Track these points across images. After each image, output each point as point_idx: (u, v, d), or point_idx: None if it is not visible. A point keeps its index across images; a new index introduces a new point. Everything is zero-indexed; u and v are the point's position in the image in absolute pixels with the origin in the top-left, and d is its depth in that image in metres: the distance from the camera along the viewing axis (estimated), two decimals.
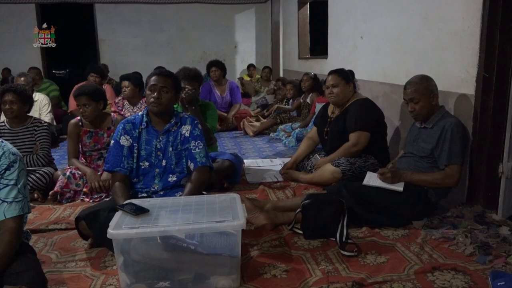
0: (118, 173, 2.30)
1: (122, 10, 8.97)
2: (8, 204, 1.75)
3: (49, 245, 2.31)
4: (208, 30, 9.32)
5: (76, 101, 3.15)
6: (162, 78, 2.33)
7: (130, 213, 1.83)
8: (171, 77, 2.37)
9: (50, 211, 2.86)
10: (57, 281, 1.90)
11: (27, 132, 3.18)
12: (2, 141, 1.85)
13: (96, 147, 3.26)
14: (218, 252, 1.82)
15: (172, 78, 2.38)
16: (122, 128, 2.35)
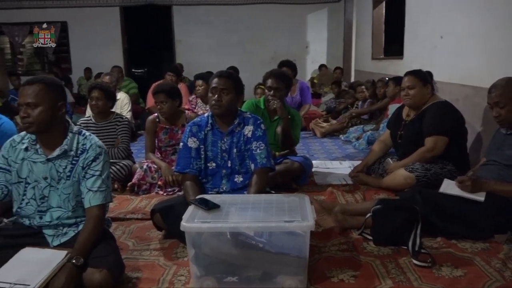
0: (189, 174, 2.38)
1: (197, 12, 9.28)
2: (93, 193, 1.90)
3: (126, 233, 2.46)
4: (280, 30, 9.35)
5: (155, 98, 3.32)
6: (223, 80, 2.34)
7: (202, 208, 1.90)
8: (232, 79, 2.38)
9: (128, 201, 3.05)
10: (133, 267, 2.02)
11: (110, 126, 3.43)
12: (90, 134, 2.00)
13: (171, 143, 3.41)
14: (286, 251, 1.82)
15: (233, 79, 2.38)
16: (189, 130, 2.42)
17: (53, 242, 1.92)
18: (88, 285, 1.73)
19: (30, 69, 9.84)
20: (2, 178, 1.91)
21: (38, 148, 1.89)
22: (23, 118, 1.81)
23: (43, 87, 1.82)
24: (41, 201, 1.91)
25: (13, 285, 1.63)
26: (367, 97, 5.69)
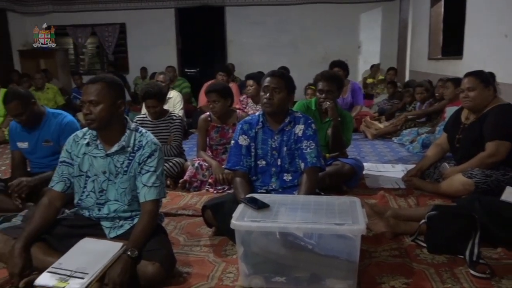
0: (239, 171, 2.41)
1: (249, 12, 9.36)
2: (148, 188, 1.97)
3: (178, 228, 2.53)
4: (331, 30, 9.23)
5: (207, 98, 3.39)
6: (275, 79, 2.35)
7: (252, 207, 1.91)
8: (284, 78, 2.38)
9: (180, 197, 3.13)
10: (184, 262, 2.07)
11: (164, 124, 3.54)
12: (146, 132, 2.07)
13: (222, 142, 3.47)
14: (336, 254, 1.80)
15: (285, 79, 2.39)
16: (240, 128, 2.45)
17: (110, 234, 2.02)
18: (142, 277, 1.79)
19: (91, 68, 10.37)
20: (65, 171, 2.03)
21: (98, 144, 1.99)
22: (86, 115, 1.90)
23: (105, 85, 1.92)
24: (99, 194, 2.01)
25: (73, 273, 1.73)
26: (426, 98, 5.47)
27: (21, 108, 2.74)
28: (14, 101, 2.72)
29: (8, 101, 2.75)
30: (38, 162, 2.97)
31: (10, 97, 2.75)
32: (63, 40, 10.17)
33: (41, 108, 2.91)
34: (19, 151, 2.97)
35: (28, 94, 2.81)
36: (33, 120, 2.83)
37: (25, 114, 2.76)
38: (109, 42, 9.75)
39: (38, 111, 2.85)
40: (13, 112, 2.77)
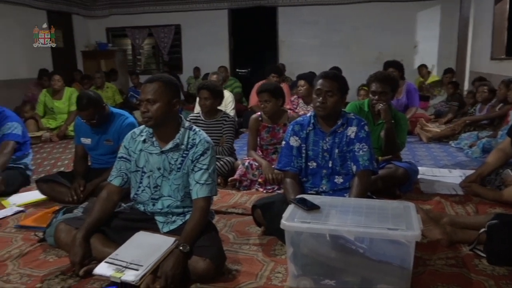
0: (289, 171, 2.40)
1: (302, 12, 9.30)
2: (200, 186, 2.01)
3: (228, 226, 2.56)
4: (385, 30, 8.96)
5: (259, 97, 3.41)
6: (328, 81, 2.29)
7: (302, 208, 1.90)
8: (337, 80, 2.33)
9: (230, 196, 3.17)
10: (233, 259, 2.09)
11: (217, 124, 3.60)
12: (199, 130, 2.12)
13: (272, 142, 3.48)
14: (388, 260, 1.75)
15: (338, 81, 2.33)
16: (291, 129, 2.44)
17: (163, 229, 2.08)
18: (193, 272, 1.84)
19: (147, 68, 10.75)
20: (123, 167, 2.12)
21: (154, 141, 2.06)
22: (143, 113, 1.98)
23: (161, 85, 1.98)
24: (154, 189, 2.08)
25: (129, 264, 1.80)
26: (488, 99, 5.17)
27: (93, 115, 2.92)
28: (89, 109, 2.89)
29: (83, 108, 2.90)
30: (98, 158, 3.14)
31: (85, 104, 2.88)
32: (122, 41, 10.64)
33: (107, 109, 3.06)
34: (82, 146, 3.15)
35: (100, 100, 2.96)
36: (100, 123, 3.01)
37: (96, 119, 2.94)
38: (165, 43, 10.07)
39: (106, 114, 3.01)
40: (86, 118, 2.95)
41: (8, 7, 7.90)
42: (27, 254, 2.22)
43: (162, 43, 10.09)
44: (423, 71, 8.17)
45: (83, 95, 2.99)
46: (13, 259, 2.15)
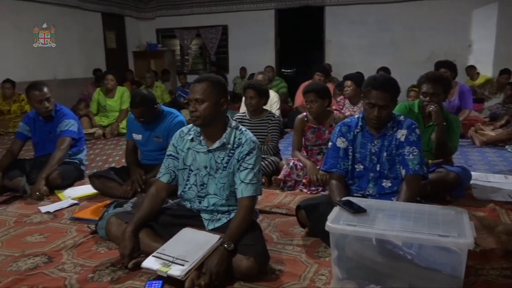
0: (335, 173, 2.36)
1: (349, 11, 9.15)
2: (246, 185, 2.03)
3: (271, 226, 2.57)
4: (437, 28, 8.62)
5: (305, 98, 3.39)
6: (382, 94, 2.17)
7: (347, 210, 1.87)
8: (391, 91, 2.22)
9: (274, 195, 3.18)
10: (277, 259, 2.09)
11: (262, 124, 3.62)
12: (246, 130, 2.14)
13: (317, 142, 3.44)
14: (438, 268, 1.69)
15: (392, 91, 2.22)
16: (338, 130, 2.40)
17: (209, 226, 2.12)
18: (236, 270, 1.86)
19: (194, 68, 10.99)
20: (171, 164, 2.17)
21: (201, 140, 2.10)
22: (192, 112, 2.02)
23: (210, 85, 2.02)
24: (200, 187, 2.12)
25: (175, 259, 1.85)
26: None
27: (144, 113, 3.04)
28: (140, 108, 3.02)
29: (135, 106, 3.03)
30: (148, 154, 3.26)
31: (137, 102, 3.02)
32: (170, 42, 10.93)
33: (159, 107, 3.17)
34: (133, 141, 3.29)
35: (152, 100, 3.08)
36: (151, 121, 3.13)
37: (147, 117, 3.07)
38: (212, 43, 10.24)
39: (157, 112, 3.13)
40: (136, 115, 3.08)
41: (65, 10, 8.35)
42: (80, 245, 2.33)
43: (209, 44, 10.27)
44: (471, 71, 7.80)
45: (136, 93, 3.13)
46: (68, 249, 2.27)
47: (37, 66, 7.65)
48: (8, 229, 2.59)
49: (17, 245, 2.35)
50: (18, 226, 2.65)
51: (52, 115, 3.48)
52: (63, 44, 8.25)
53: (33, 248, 2.31)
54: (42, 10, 7.80)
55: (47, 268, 2.05)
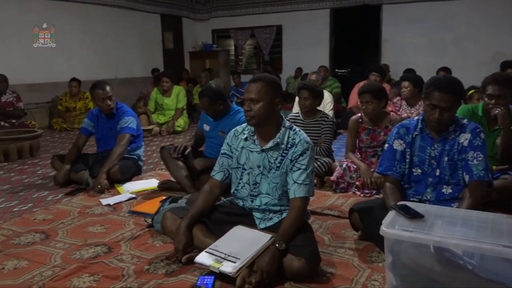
0: (391, 176, 2.29)
1: (408, 10, 8.84)
2: (298, 185, 2.02)
3: (323, 227, 2.54)
4: (504, 27, 8.11)
5: (360, 98, 3.31)
6: (445, 96, 2.06)
7: (404, 215, 1.81)
8: (455, 93, 2.09)
9: (326, 197, 3.14)
10: (328, 262, 2.07)
11: (315, 124, 3.59)
12: (299, 130, 2.13)
13: (372, 144, 3.36)
14: (501, 280, 1.59)
15: (456, 93, 2.10)
16: (396, 132, 2.31)
17: (260, 225, 2.13)
18: (287, 270, 1.86)
19: (247, 68, 11.10)
20: (225, 163, 2.21)
21: (255, 139, 2.12)
22: (247, 112, 2.04)
23: (264, 84, 2.03)
24: (253, 186, 2.14)
25: (227, 256, 1.88)
26: None
27: (208, 104, 3.18)
28: (205, 97, 3.17)
29: (201, 96, 3.22)
30: (212, 146, 3.37)
31: (203, 92, 3.21)
32: (225, 42, 11.12)
33: (228, 106, 3.26)
34: (202, 131, 3.46)
35: (217, 94, 3.18)
36: (218, 114, 3.24)
37: (212, 109, 3.19)
38: (266, 43, 10.30)
39: (225, 108, 3.22)
40: (202, 105, 3.25)
41: (126, 12, 8.74)
42: (137, 237, 2.43)
43: (263, 44, 10.34)
44: None
45: (206, 86, 3.38)
46: (126, 241, 2.38)
47: (100, 66, 8.09)
48: (72, 219, 2.76)
49: (80, 235, 2.49)
50: (81, 216, 2.81)
51: (113, 113, 3.66)
52: (124, 45, 8.66)
53: (95, 238, 2.44)
54: (105, 13, 8.23)
55: (107, 258, 2.16)
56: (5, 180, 3.80)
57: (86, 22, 7.83)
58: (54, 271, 2.03)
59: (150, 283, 1.90)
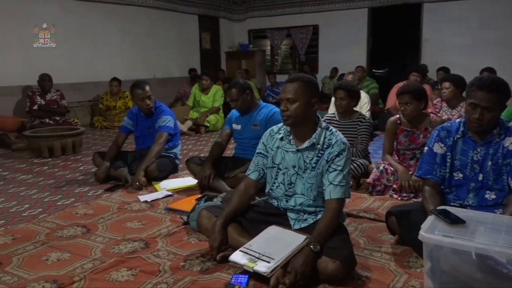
0: (430, 180, 2.22)
1: (451, 8, 8.56)
2: (334, 187, 2.00)
3: (358, 230, 2.50)
4: None
5: (399, 99, 3.23)
6: (487, 95, 1.97)
7: (444, 220, 1.75)
8: (498, 92, 2.00)
9: (361, 199, 3.09)
10: (363, 265, 2.03)
11: (352, 125, 3.53)
12: (336, 131, 2.11)
13: (410, 147, 3.28)
14: None
15: (499, 92, 2.01)
16: (436, 135, 2.23)
17: (295, 225, 2.12)
18: (321, 272, 1.84)
19: (283, 68, 11.09)
20: (260, 162, 2.22)
21: (291, 139, 2.11)
22: (283, 112, 2.04)
23: (301, 85, 2.02)
24: (288, 186, 2.13)
25: (261, 256, 1.88)
26: None
27: (236, 95, 3.30)
28: (232, 89, 3.33)
29: (229, 88, 3.38)
30: (243, 144, 3.45)
31: (231, 84, 3.39)
32: (261, 42, 11.15)
33: (256, 100, 3.45)
34: (231, 131, 3.53)
35: (244, 86, 3.36)
36: (245, 107, 3.36)
37: (239, 100, 3.31)
38: (302, 43, 10.25)
39: (250, 101, 3.36)
40: (230, 97, 3.36)
41: (165, 13, 8.93)
42: (173, 234, 2.48)
43: (299, 44, 10.29)
44: None
45: (235, 80, 3.53)
46: (162, 237, 2.43)
47: (139, 65, 8.31)
48: (111, 215, 2.84)
49: (119, 230, 2.57)
50: (120, 212, 2.90)
51: (152, 112, 3.74)
52: (163, 45, 8.85)
53: (132, 233, 2.51)
54: (146, 14, 8.44)
55: (144, 253, 2.22)
56: (50, 175, 3.97)
57: (126, 23, 8.06)
58: (94, 264, 2.11)
59: (185, 279, 1.94)
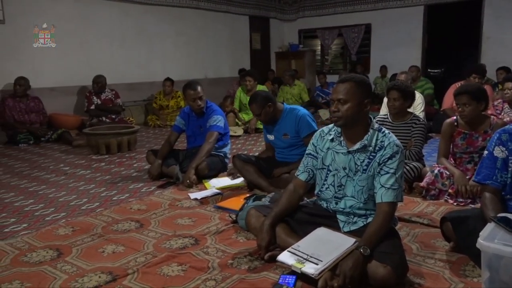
0: (490, 186, 2.10)
1: None
2: (386, 190, 1.94)
3: (411, 235, 2.42)
4: None
5: (456, 100, 3.09)
6: None
7: (505, 228, 1.66)
8: None
9: (414, 204, 2.98)
10: (416, 272, 1.97)
11: (405, 127, 3.41)
12: (389, 133, 2.05)
13: (468, 150, 3.12)
14: None
15: None
16: (497, 138, 2.10)
17: (344, 228, 2.09)
18: (371, 277, 1.79)
19: (333, 68, 10.93)
20: (310, 163, 2.20)
21: (341, 140, 2.08)
22: (333, 112, 2.01)
23: (353, 85, 1.98)
24: (338, 188, 2.10)
25: (309, 257, 1.87)
26: None
27: (257, 110, 3.28)
28: (252, 104, 3.30)
29: (249, 102, 3.37)
30: (281, 152, 3.46)
31: (251, 100, 3.33)
32: (311, 42, 11.06)
33: (279, 107, 3.35)
34: (270, 144, 3.55)
35: (264, 99, 3.26)
36: (269, 119, 3.34)
37: (262, 115, 3.30)
38: (354, 42, 10.06)
39: (273, 112, 3.30)
40: (253, 112, 3.36)
41: (217, 14, 9.09)
42: (222, 232, 2.52)
43: (351, 43, 10.11)
44: None
45: (253, 93, 3.43)
46: (211, 235, 2.48)
47: (191, 66, 8.52)
48: (163, 211, 2.94)
49: (170, 226, 2.65)
50: (171, 208, 2.98)
51: (203, 111, 3.83)
52: (214, 46, 9.01)
53: (183, 230, 2.58)
54: (199, 15, 8.64)
55: (194, 250, 2.27)
56: (106, 171, 4.17)
57: (180, 25, 8.29)
58: (147, 258, 2.18)
59: (233, 277, 1.96)
